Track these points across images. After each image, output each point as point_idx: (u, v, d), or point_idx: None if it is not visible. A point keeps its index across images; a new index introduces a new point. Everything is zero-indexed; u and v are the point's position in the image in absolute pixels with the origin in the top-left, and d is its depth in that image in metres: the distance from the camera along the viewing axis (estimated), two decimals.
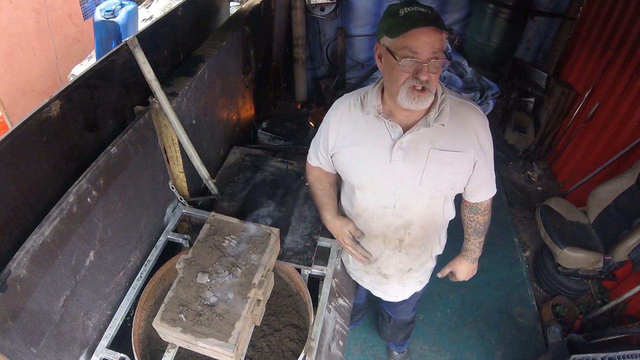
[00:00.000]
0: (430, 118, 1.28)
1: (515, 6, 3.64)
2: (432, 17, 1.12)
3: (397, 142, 1.30)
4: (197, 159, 1.80)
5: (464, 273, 1.73)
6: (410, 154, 1.31)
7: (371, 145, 1.35)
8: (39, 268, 1.12)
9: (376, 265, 1.65)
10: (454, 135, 1.31)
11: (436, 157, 1.31)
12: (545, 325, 2.71)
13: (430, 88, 1.19)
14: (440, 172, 1.33)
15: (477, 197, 1.50)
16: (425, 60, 1.14)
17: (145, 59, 1.44)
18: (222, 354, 1.28)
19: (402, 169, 1.33)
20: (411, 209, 1.43)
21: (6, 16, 3.52)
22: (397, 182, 1.37)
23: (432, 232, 1.54)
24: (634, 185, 2.51)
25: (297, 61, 3.77)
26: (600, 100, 3.21)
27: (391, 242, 1.54)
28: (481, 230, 1.60)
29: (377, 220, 1.49)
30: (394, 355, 2.51)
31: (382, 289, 1.77)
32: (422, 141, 1.30)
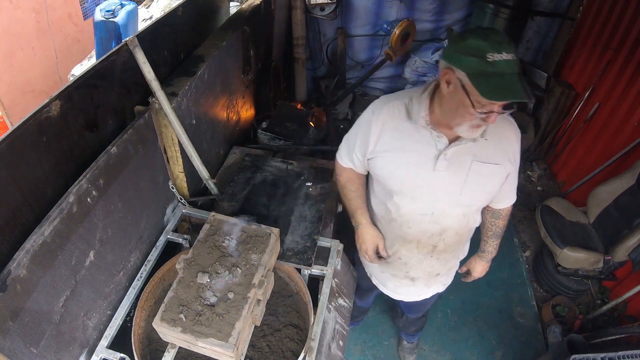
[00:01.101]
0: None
1: (515, 6, 3.63)
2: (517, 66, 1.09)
3: (443, 153, 1.32)
4: (197, 159, 1.80)
5: (479, 271, 1.80)
6: (454, 165, 1.33)
7: (415, 154, 1.35)
8: (39, 268, 1.12)
9: (405, 269, 1.65)
10: (494, 149, 1.34)
11: (477, 169, 1.34)
12: (545, 325, 2.71)
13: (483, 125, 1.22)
14: (480, 183, 1.37)
15: (501, 204, 1.57)
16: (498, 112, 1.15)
17: (145, 59, 1.44)
18: (222, 354, 1.28)
19: (444, 178, 1.35)
20: (448, 217, 1.44)
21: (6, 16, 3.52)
22: (438, 191, 1.38)
23: (465, 238, 1.61)
24: (634, 185, 2.51)
25: (297, 61, 3.77)
26: (600, 100, 3.21)
27: (425, 248, 1.55)
28: (499, 234, 1.68)
29: (413, 226, 1.49)
30: (403, 344, 2.53)
31: (405, 292, 1.76)
32: (466, 153, 1.33)
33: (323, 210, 1.90)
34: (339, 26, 4.06)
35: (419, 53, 4.09)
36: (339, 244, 1.79)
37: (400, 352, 2.55)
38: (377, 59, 4.18)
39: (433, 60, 4.02)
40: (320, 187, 2.00)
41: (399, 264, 1.64)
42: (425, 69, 4.05)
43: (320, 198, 1.95)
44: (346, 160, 1.58)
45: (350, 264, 2.09)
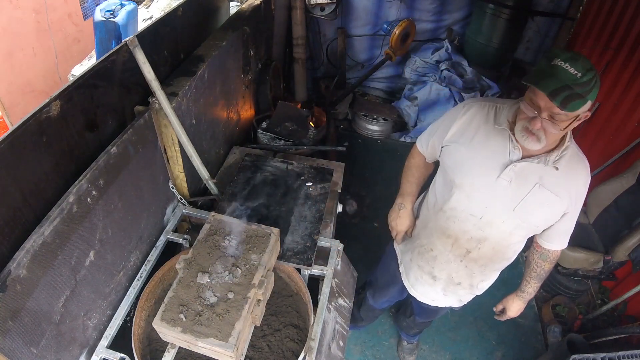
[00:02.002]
0: (550, 157, 1.32)
1: (515, 6, 3.64)
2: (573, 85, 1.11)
3: (512, 164, 1.33)
4: (197, 159, 1.80)
5: (514, 310, 1.78)
6: (518, 180, 1.35)
7: (487, 155, 1.38)
8: (39, 268, 1.12)
9: (432, 264, 1.66)
10: (562, 181, 1.34)
11: (538, 193, 1.35)
12: (545, 325, 2.72)
13: (540, 137, 1.24)
14: (536, 207, 1.37)
15: (551, 245, 1.53)
16: (540, 114, 1.19)
17: (145, 59, 1.44)
18: (222, 354, 1.28)
19: (504, 189, 1.36)
20: (494, 228, 1.45)
21: (6, 16, 3.52)
22: (494, 199, 1.39)
23: (498, 259, 1.56)
24: (634, 185, 2.51)
25: (297, 61, 3.76)
26: (600, 100, 3.21)
27: (459, 249, 1.55)
28: (542, 277, 1.64)
29: (458, 223, 1.50)
30: (403, 344, 2.53)
31: (422, 290, 1.78)
32: (533, 173, 1.34)
33: (323, 210, 1.90)
34: (339, 26, 4.06)
35: (419, 53, 4.09)
36: (339, 244, 1.79)
37: (400, 352, 2.55)
38: (377, 59, 4.18)
39: (433, 60, 4.02)
40: (320, 187, 2.00)
41: (429, 256, 1.65)
42: (425, 69, 4.04)
43: (320, 198, 1.95)
44: (424, 144, 1.65)
45: (350, 264, 2.09)
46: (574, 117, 1.19)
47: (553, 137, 1.25)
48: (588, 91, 1.13)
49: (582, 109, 1.17)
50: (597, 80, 1.14)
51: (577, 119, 1.20)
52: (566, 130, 1.25)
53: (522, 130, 1.26)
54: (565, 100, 1.11)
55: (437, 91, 3.84)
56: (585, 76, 1.11)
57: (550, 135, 1.23)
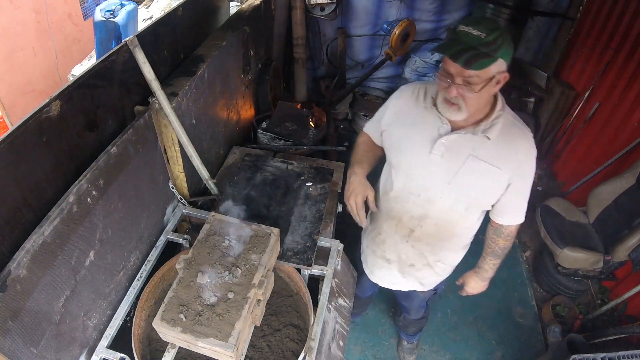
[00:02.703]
0: (479, 127, 1.33)
1: (515, 6, 3.63)
2: (477, 46, 1.15)
3: (442, 138, 1.36)
4: (197, 159, 1.80)
5: (471, 286, 1.79)
6: (450, 153, 1.37)
7: (419, 133, 1.41)
8: (39, 268, 1.12)
9: (383, 247, 1.70)
10: (497, 152, 1.34)
11: (472, 165, 1.35)
12: (545, 325, 2.71)
13: (460, 105, 1.25)
14: (471, 179, 1.37)
15: (502, 219, 1.52)
16: (454, 81, 1.22)
17: (145, 59, 1.44)
18: (222, 354, 1.28)
19: (438, 164, 1.39)
20: (433, 204, 1.47)
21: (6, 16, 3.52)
22: (430, 174, 1.42)
23: (445, 236, 1.56)
24: (634, 185, 2.51)
25: (297, 61, 3.76)
26: (600, 100, 3.21)
27: (403, 229, 1.58)
28: (499, 254, 1.62)
29: (399, 203, 1.54)
30: (402, 344, 2.53)
31: (380, 274, 1.81)
32: (465, 145, 1.35)
33: (323, 210, 1.90)
34: (339, 26, 4.05)
35: (419, 53, 4.08)
36: (339, 244, 1.79)
37: (400, 352, 2.55)
38: (377, 59, 4.18)
39: (433, 60, 4.01)
40: (320, 187, 2.00)
41: (379, 240, 1.70)
42: (425, 69, 4.04)
43: (320, 198, 1.95)
44: (369, 126, 1.70)
45: (350, 264, 2.09)
46: (487, 79, 1.20)
47: (474, 103, 1.26)
48: (495, 49, 1.15)
49: (493, 69, 1.19)
50: (504, 39, 1.17)
51: (493, 80, 1.21)
52: (484, 94, 1.24)
53: (443, 102, 1.29)
54: (469, 59, 1.14)
55: None
56: (489, 36, 1.15)
57: (469, 101, 1.24)
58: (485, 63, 1.16)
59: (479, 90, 1.21)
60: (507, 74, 1.24)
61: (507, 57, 1.20)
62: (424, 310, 2.21)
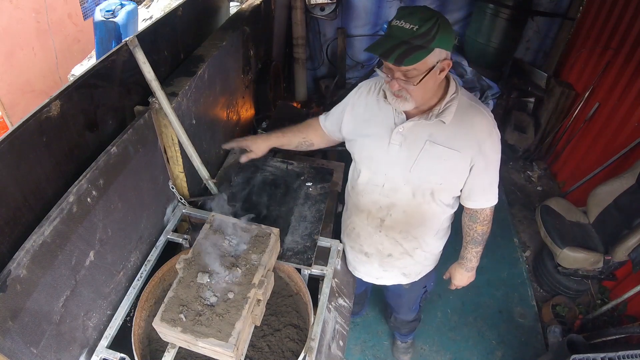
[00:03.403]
0: (432, 113, 1.33)
1: (515, 6, 3.63)
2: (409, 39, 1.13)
3: (398, 127, 1.37)
4: (197, 159, 1.80)
5: (458, 278, 1.77)
6: (408, 141, 1.38)
7: (376, 125, 1.43)
8: (39, 268, 1.12)
9: (359, 241, 1.73)
10: (454, 134, 1.34)
11: (430, 150, 1.36)
12: (545, 325, 2.72)
13: (405, 96, 1.26)
14: (431, 164, 1.38)
15: (474, 203, 1.51)
16: (393, 76, 1.23)
17: (145, 59, 1.44)
18: (222, 354, 1.28)
19: (397, 153, 1.40)
20: (398, 193, 1.48)
21: (6, 16, 3.52)
22: (390, 164, 1.43)
23: (416, 221, 1.56)
24: (634, 185, 2.51)
25: (297, 61, 3.77)
26: (600, 101, 3.21)
27: (374, 220, 1.61)
28: (478, 240, 1.61)
29: (365, 195, 1.57)
30: (397, 344, 2.53)
31: (363, 270, 1.84)
32: (421, 132, 1.36)
33: (323, 210, 1.90)
34: (339, 26, 4.05)
35: None
36: (339, 244, 1.79)
37: (395, 352, 2.54)
38: (377, 59, 4.18)
39: None
40: (320, 187, 2.00)
41: (354, 234, 1.74)
42: None
43: (320, 198, 1.95)
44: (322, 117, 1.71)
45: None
46: (426, 70, 1.19)
47: (419, 94, 1.26)
48: (429, 40, 1.14)
49: (431, 59, 1.17)
50: (439, 27, 1.14)
51: (434, 70, 1.20)
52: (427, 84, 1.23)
53: (390, 95, 1.31)
54: (400, 56, 1.13)
55: None
56: (422, 27, 1.13)
57: (413, 92, 1.25)
58: (418, 56, 1.14)
59: (417, 83, 1.21)
60: (449, 60, 1.23)
61: (445, 44, 1.18)
62: (416, 312, 2.19)
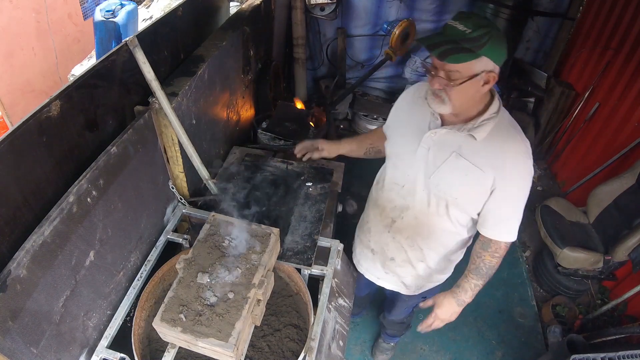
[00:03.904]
0: (466, 126, 1.32)
1: (515, 6, 3.63)
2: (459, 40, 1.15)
3: (431, 131, 1.38)
4: (197, 159, 1.80)
5: (443, 311, 1.57)
6: (435, 148, 1.38)
7: (411, 126, 1.46)
8: (39, 268, 1.12)
9: (368, 236, 1.75)
10: (482, 152, 1.32)
11: (454, 162, 1.35)
12: (545, 325, 2.72)
13: (444, 98, 1.26)
14: (451, 176, 1.37)
15: (487, 231, 1.43)
16: (437, 73, 1.23)
17: (145, 59, 1.44)
18: (222, 354, 1.28)
19: (422, 157, 1.41)
20: (414, 196, 1.48)
21: (6, 16, 3.52)
22: (413, 166, 1.44)
23: (423, 231, 1.54)
24: (634, 185, 2.51)
25: (297, 61, 3.76)
26: (600, 101, 3.21)
27: (386, 218, 1.61)
28: (482, 272, 1.48)
29: (385, 192, 1.58)
30: (379, 342, 2.52)
31: (366, 265, 1.85)
32: (451, 142, 1.36)
33: (323, 210, 1.90)
34: (339, 26, 4.05)
35: (419, 53, 4.08)
36: (339, 244, 1.79)
37: (375, 348, 2.54)
38: (377, 59, 4.18)
39: None
40: (320, 187, 2.00)
41: (366, 228, 1.77)
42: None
43: (320, 198, 1.95)
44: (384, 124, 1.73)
45: (350, 264, 2.09)
46: (469, 75, 1.19)
47: (458, 98, 1.25)
48: (478, 46, 1.14)
49: (477, 66, 1.17)
50: (491, 37, 1.14)
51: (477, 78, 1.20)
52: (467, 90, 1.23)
53: (429, 94, 1.31)
54: (444, 52, 1.14)
55: None
56: (475, 32, 1.14)
57: (452, 95, 1.24)
58: (462, 57, 1.14)
59: (458, 84, 1.20)
60: (496, 75, 1.22)
61: (494, 56, 1.17)
62: (406, 315, 2.17)
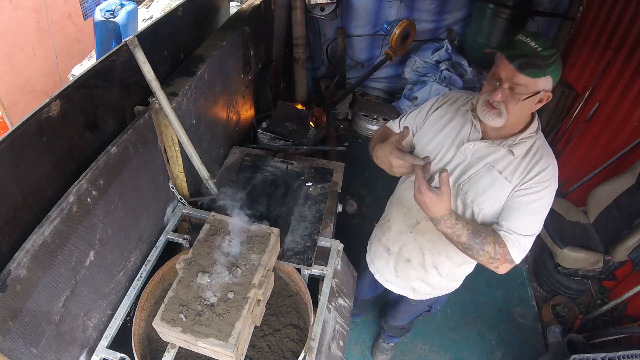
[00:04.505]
0: (506, 142, 1.34)
1: (515, 6, 3.63)
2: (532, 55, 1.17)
3: (469, 143, 1.39)
4: (197, 159, 1.80)
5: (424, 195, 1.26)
6: (472, 159, 1.39)
7: (450, 133, 1.45)
8: (39, 268, 1.12)
9: (387, 235, 1.73)
10: (515, 167, 1.34)
11: (487, 173, 1.37)
12: (545, 325, 2.72)
13: (501, 111, 1.26)
14: (480, 186, 1.38)
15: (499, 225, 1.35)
16: (502, 85, 1.23)
17: (145, 59, 1.44)
18: (222, 354, 1.28)
19: (457, 165, 1.41)
20: None
21: (6, 16, 3.52)
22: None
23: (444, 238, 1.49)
24: (634, 185, 2.51)
25: (297, 61, 3.76)
26: (600, 100, 3.21)
27: (410, 218, 1.60)
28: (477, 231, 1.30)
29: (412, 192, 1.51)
30: (379, 342, 2.53)
31: (379, 265, 1.83)
32: (487, 155, 1.37)
33: (323, 210, 1.90)
34: (339, 26, 4.06)
35: (419, 53, 4.09)
36: (339, 244, 1.79)
37: (374, 348, 2.54)
38: (377, 59, 4.18)
39: (433, 60, 4.01)
40: (320, 187, 2.00)
41: (386, 227, 1.74)
42: (425, 69, 4.04)
43: (320, 198, 1.95)
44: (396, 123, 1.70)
45: (350, 264, 2.09)
46: (533, 92, 1.21)
47: (515, 113, 1.26)
48: (547, 65, 1.17)
49: (541, 84, 1.20)
50: (557, 58, 1.18)
51: (537, 96, 1.22)
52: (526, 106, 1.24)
53: (483, 105, 1.29)
54: (523, 64, 1.16)
55: (437, 91, 3.84)
56: (545, 51, 1.17)
57: (511, 110, 1.24)
58: (536, 73, 1.17)
59: (523, 99, 1.21)
60: (550, 95, 1.24)
61: (555, 77, 1.21)
62: (408, 322, 2.18)
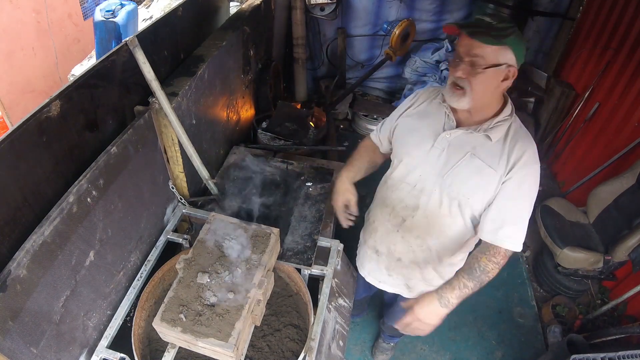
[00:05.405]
0: (482, 127, 1.36)
1: (515, 6, 3.63)
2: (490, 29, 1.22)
3: (445, 132, 1.40)
4: (197, 159, 1.80)
5: (423, 311, 1.41)
6: (450, 148, 1.40)
7: (425, 126, 1.47)
8: (39, 268, 1.12)
9: (375, 237, 1.71)
10: (496, 152, 1.36)
11: (469, 162, 1.37)
12: (545, 325, 2.72)
13: (466, 90, 1.29)
14: (465, 176, 1.38)
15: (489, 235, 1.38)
16: (462, 60, 1.26)
17: (145, 59, 1.44)
18: (222, 354, 1.28)
19: (437, 157, 1.42)
20: (426, 196, 1.48)
21: (6, 16, 3.52)
22: (426, 166, 1.45)
23: (435, 232, 1.52)
24: (634, 185, 2.51)
25: (297, 61, 3.76)
26: (600, 100, 3.21)
27: (395, 217, 1.59)
28: (475, 274, 1.37)
29: (395, 192, 1.57)
30: (379, 342, 2.53)
31: (369, 267, 1.81)
32: (466, 143, 1.38)
33: (323, 210, 1.90)
34: (339, 26, 4.05)
35: (419, 53, 4.09)
36: (339, 244, 1.79)
37: (374, 349, 2.54)
38: (377, 59, 4.18)
39: (433, 60, 4.01)
40: (320, 187, 2.00)
41: (372, 228, 1.72)
42: (425, 69, 4.04)
43: (320, 198, 1.95)
44: (374, 133, 1.75)
45: (350, 264, 2.09)
46: (492, 63, 1.23)
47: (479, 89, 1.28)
48: (503, 36, 1.21)
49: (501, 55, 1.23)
50: (514, 31, 1.22)
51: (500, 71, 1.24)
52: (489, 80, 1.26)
53: (449, 88, 1.33)
54: (475, 32, 1.22)
55: None
56: (500, 24, 1.22)
57: (475, 86, 1.27)
58: (489, 40, 1.21)
59: (482, 69, 1.24)
60: (515, 71, 1.26)
61: (516, 50, 1.24)
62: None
